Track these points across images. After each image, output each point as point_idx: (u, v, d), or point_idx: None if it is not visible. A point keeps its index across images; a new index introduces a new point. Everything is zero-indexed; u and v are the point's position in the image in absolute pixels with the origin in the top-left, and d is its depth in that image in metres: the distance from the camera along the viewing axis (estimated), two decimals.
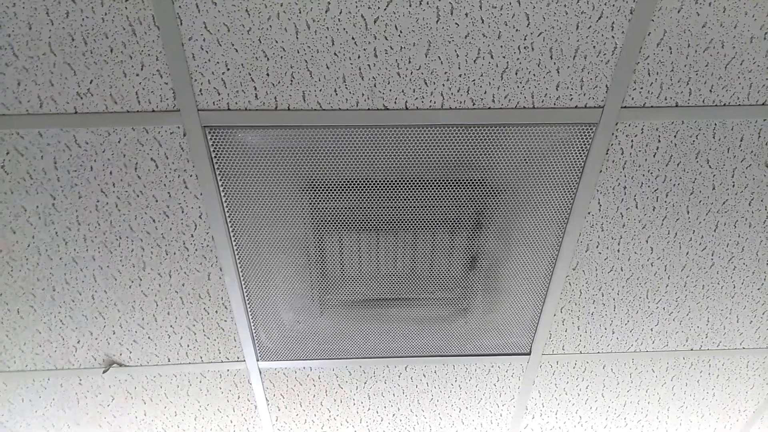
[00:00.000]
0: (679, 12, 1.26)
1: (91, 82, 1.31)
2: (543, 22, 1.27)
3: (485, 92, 1.37)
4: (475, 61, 1.32)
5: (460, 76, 1.34)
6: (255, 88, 1.35)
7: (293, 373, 2.04)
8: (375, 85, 1.35)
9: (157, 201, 1.53)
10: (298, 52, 1.29)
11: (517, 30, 1.28)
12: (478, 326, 1.93)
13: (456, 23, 1.26)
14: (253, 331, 1.89)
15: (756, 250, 1.74)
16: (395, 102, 1.38)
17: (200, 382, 2.05)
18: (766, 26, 1.29)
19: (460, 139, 1.45)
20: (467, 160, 1.49)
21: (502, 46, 1.30)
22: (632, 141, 1.48)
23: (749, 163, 1.54)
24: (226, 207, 1.56)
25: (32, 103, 1.33)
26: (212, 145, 1.43)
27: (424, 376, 2.10)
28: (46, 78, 1.29)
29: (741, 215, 1.65)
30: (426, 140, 1.45)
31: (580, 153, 1.49)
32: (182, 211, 1.56)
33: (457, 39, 1.29)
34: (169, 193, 1.52)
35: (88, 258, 1.64)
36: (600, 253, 1.73)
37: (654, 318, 1.94)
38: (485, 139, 1.45)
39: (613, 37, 1.29)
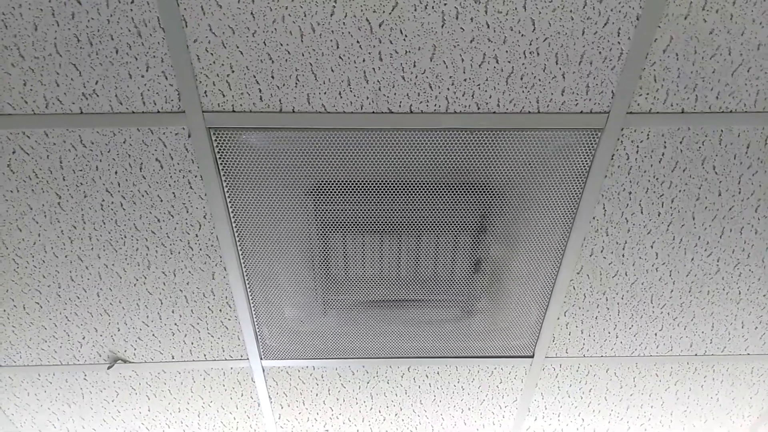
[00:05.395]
0: (686, 19, 1.25)
1: (96, 83, 1.31)
2: (549, 28, 1.26)
3: (490, 97, 1.37)
4: (480, 65, 1.32)
5: (465, 80, 1.34)
6: (260, 90, 1.35)
7: (296, 371, 2.05)
8: (380, 89, 1.35)
9: (161, 201, 1.54)
10: (303, 55, 1.29)
11: (522, 35, 1.27)
12: (481, 328, 1.93)
13: (461, 28, 1.26)
14: (257, 329, 1.90)
15: (762, 257, 1.73)
16: (400, 105, 1.38)
17: (204, 379, 2.06)
18: None
19: (465, 144, 1.44)
20: (472, 164, 1.49)
21: (507, 51, 1.30)
22: (638, 147, 1.47)
23: (756, 170, 1.53)
24: (231, 207, 1.56)
25: (38, 103, 1.34)
26: (217, 146, 1.44)
27: (427, 376, 2.10)
28: (51, 78, 1.30)
29: (747, 222, 1.64)
30: (431, 144, 1.44)
31: (585, 158, 1.48)
32: (187, 211, 1.57)
33: (463, 43, 1.28)
34: (173, 193, 1.52)
35: (93, 256, 1.65)
36: (605, 257, 1.72)
37: (658, 323, 1.93)
38: (490, 144, 1.45)
39: (619, 43, 1.28)
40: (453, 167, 1.50)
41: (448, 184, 1.53)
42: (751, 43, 1.29)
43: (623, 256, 1.72)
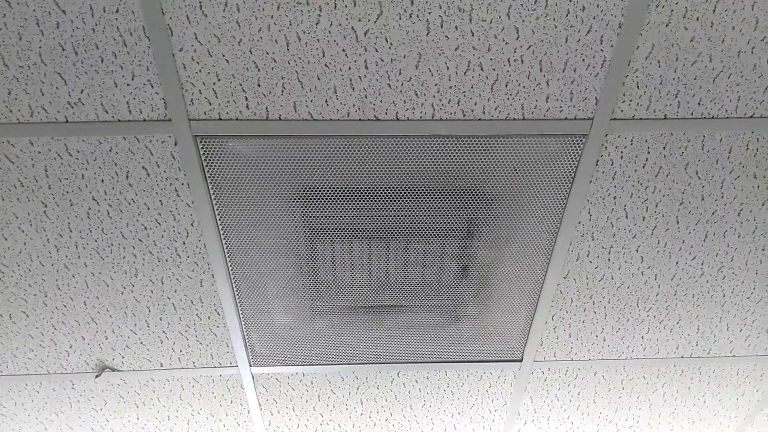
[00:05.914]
0: (667, 26, 1.27)
1: (81, 92, 1.31)
2: (532, 36, 1.27)
3: (475, 104, 1.38)
4: (465, 73, 1.33)
5: (450, 87, 1.35)
6: (246, 99, 1.35)
7: (286, 378, 2.05)
8: (366, 96, 1.36)
9: (148, 209, 1.54)
10: (289, 63, 1.30)
11: (506, 43, 1.28)
12: (470, 333, 1.94)
13: (446, 36, 1.27)
14: (246, 336, 1.90)
15: (745, 260, 1.75)
16: (386, 113, 1.39)
17: (193, 386, 2.05)
18: (753, 41, 1.30)
19: (451, 150, 1.45)
20: (458, 171, 1.50)
21: (492, 59, 1.31)
22: (622, 152, 1.48)
23: (738, 175, 1.55)
24: (218, 215, 1.56)
25: (23, 112, 1.34)
26: (203, 154, 1.44)
27: (417, 381, 2.10)
28: (36, 87, 1.30)
29: (730, 225, 1.66)
30: (417, 150, 1.45)
31: (570, 164, 1.50)
32: (174, 219, 1.56)
33: (448, 51, 1.29)
34: (160, 201, 1.52)
35: (80, 264, 1.64)
36: (591, 261, 1.73)
37: (645, 326, 1.95)
38: (476, 150, 1.46)
39: (602, 50, 1.30)
40: (439, 174, 1.51)
41: (434, 190, 1.54)
42: (732, 50, 1.31)
43: (609, 260, 1.73)
